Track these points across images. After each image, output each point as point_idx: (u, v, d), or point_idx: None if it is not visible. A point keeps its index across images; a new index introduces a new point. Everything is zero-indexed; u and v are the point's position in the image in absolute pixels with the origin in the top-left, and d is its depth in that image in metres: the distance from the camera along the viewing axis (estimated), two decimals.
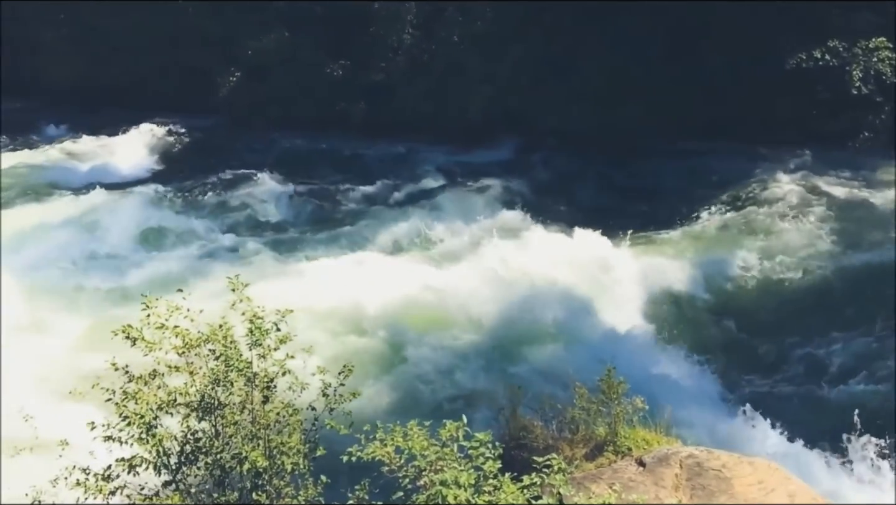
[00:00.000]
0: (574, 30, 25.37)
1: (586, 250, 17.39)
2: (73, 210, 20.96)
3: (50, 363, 13.90)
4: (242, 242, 18.88)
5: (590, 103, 24.57)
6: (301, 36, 28.29)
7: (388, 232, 19.55)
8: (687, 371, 13.75)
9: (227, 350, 7.66)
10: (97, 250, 18.74)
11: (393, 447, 5.98)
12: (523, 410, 10.12)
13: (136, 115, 28.07)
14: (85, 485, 7.12)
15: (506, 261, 16.98)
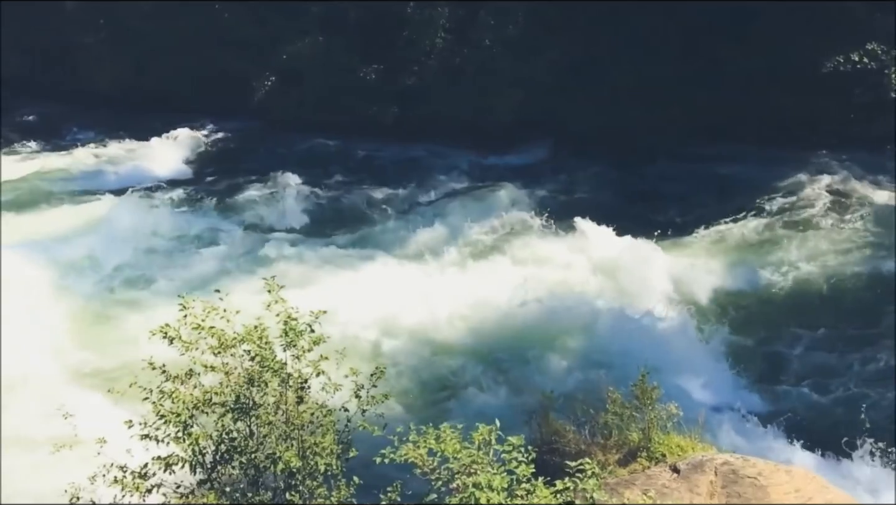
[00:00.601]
0: (605, 33, 25.24)
1: (618, 254, 17.25)
2: (109, 212, 21.29)
3: (87, 362, 14.13)
4: (276, 244, 19.01)
5: (620, 106, 24.42)
6: (335, 40, 28.50)
7: (419, 235, 19.57)
8: (721, 378, 13.58)
9: (262, 351, 7.73)
10: (133, 251, 19.00)
11: (426, 449, 5.99)
12: (555, 415, 10.07)
13: (173, 119, 28.48)
14: (122, 482, 7.23)
15: (538, 265, 16.93)
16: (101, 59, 31.56)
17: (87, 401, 10.19)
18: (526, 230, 19.05)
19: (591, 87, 25.08)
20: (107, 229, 19.83)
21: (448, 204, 20.83)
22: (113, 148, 27.30)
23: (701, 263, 17.76)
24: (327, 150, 26.41)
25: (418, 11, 27.77)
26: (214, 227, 20.23)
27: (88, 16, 32.01)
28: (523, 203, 20.90)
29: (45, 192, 23.05)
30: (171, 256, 18.78)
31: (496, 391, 13.24)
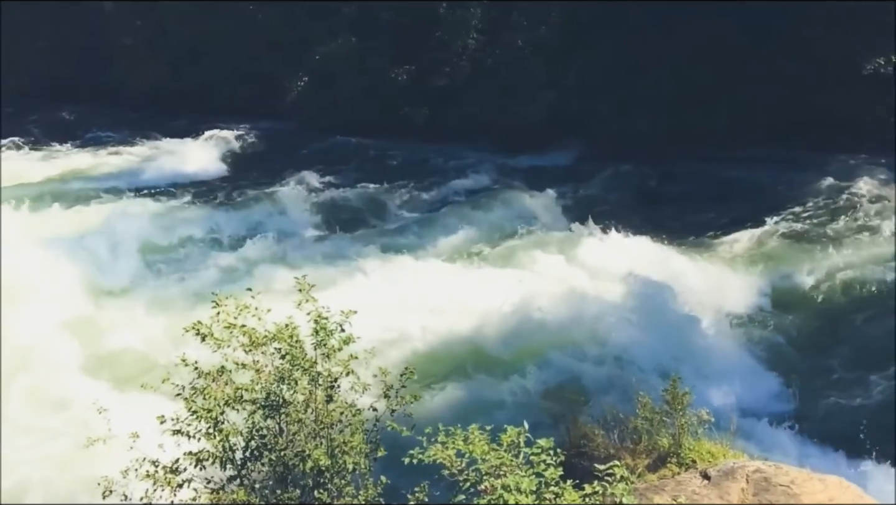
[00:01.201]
0: (639, 35, 25.07)
1: (650, 258, 17.08)
2: (143, 210, 21.61)
3: (121, 357, 14.33)
4: (307, 244, 19.16)
5: (654, 109, 24.25)
6: (368, 42, 28.68)
7: (450, 236, 19.57)
8: (754, 384, 13.37)
9: (292, 349, 7.79)
10: (165, 249, 19.30)
11: (454, 450, 5.97)
12: (584, 419, 10.01)
13: (207, 119, 28.87)
14: (154, 477, 7.32)
15: (568, 268, 16.82)
16: (137, 59, 32.11)
17: (119, 396, 10.36)
18: (555, 232, 18.96)
19: (622, 89, 24.93)
20: (140, 227, 20.11)
21: (478, 205, 20.81)
22: (148, 147, 27.73)
23: (735, 267, 17.52)
24: (358, 150, 26.55)
25: (451, 12, 27.84)
26: (246, 227, 20.43)
27: (126, 17, 32.62)
28: (553, 205, 20.82)
29: (81, 190, 23.45)
30: (203, 254, 18.99)
31: (524, 393, 13.18)
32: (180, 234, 19.99)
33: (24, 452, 12.14)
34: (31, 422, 12.81)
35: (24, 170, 25.65)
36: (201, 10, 30.85)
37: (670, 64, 24.33)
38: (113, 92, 32.53)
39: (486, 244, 18.90)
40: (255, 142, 27.99)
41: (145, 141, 28.45)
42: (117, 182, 24.48)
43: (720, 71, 23.60)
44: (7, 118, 31.90)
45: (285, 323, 8.09)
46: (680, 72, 24.09)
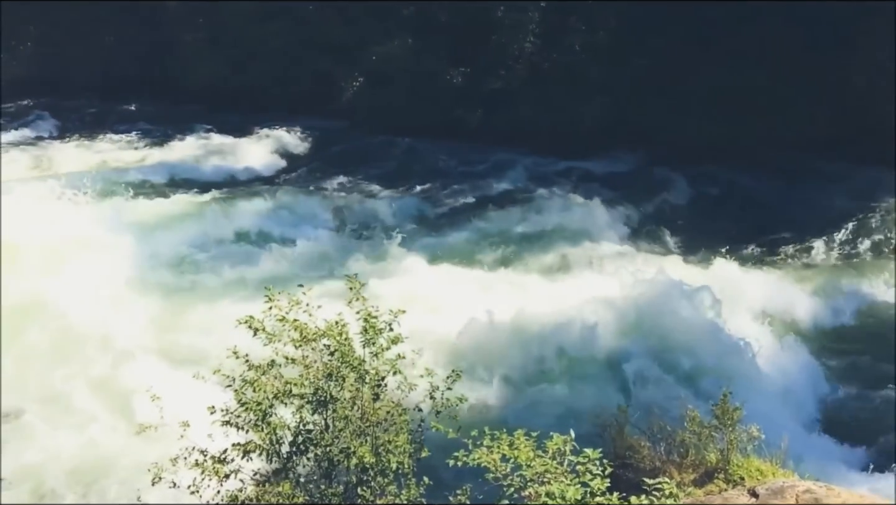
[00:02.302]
0: (698, 40, 24.70)
1: (704, 268, 16.83)
2: (199, 205, 22.04)
3: (176, 346, 14.64)
4: (357, 243, 19.30)
5: (710, 115, 23.89)
6: (424, 43, 28.79)
7: (499, 240, 19.53)
8: (808, 403, 13.07)
9: (341, 346, 7.86)
10: (220, 244, 19.63)
11: (499, 455, 5.95)
12: (630, 430, 9.88)
13: (264, 117, 29.31)
14: (203, 466, 7.46)
15: (619, 276, 16.63)
16: (198, 57, 32.76)
17: (171, 385, 10.55)
18: (609, 239, 18.76)
19: (679, 94, 24.62)
20: (195, 222, 20.53)
21: (529, 209, 20.72)
22: (205, 143, 28.26)
23: (794, 281, 17.11)
24: (411, 151, 26.66)
25: (508, 15, 27.80)
26: (298, 223, 20.67)
27: (189, 15, 33.31)
28: (607, 211, 20.60)
29: (139, 181, 24.00)
30: (255, 249, 19.26)
31: (570, 401, 13.07)
32: (234, 229, 20.32)
33: (75, 435, 12.49)
34: (84, 406, 13.16)
35: (86, 160, 26.40)
36: (262, 9, 31.38)
37: (728, 68, 23.93)
38: (173, 88, 33.23)
39: (537, 250, 18.78)
40: (309, 140, 28.32)
41: (203, 137, 29.00)
42: (175, 176, 24.99)
43: (781, 76, 23.12)
44: (73, 110, 32.94)
45: (335, 320, 8.17)
46: (739, 76, 23.68)
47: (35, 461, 12.05)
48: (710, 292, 15.16)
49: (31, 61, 35.55)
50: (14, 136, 29.56)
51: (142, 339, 15.05)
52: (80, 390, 13.52)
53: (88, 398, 13.33)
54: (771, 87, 23.32)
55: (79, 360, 14.30)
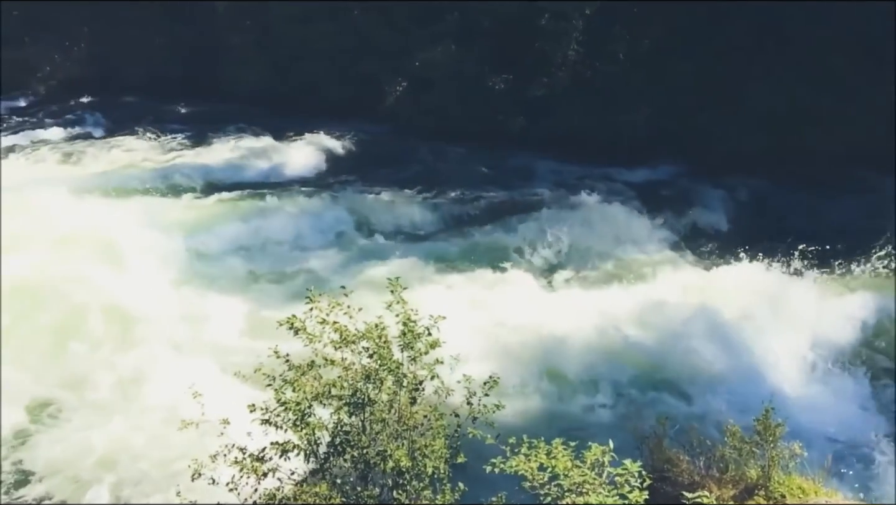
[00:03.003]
0: (748, 50, 24.37)
1: (750, 281, 16.53)
2: (242, 207, 22.34)
3: (217, 345, 14.83)
4: (397, 247, 19.35)
5: (761, 127, 23.53)
6: (467, 49, 28.84)
7: (538, 248, 19.42)
8: (854, 422, 12.74)
9: (380, 349, 7.90)
10: (265, 244, 19.89)
11: (536, 463, 5.93)
12: (669, 443, 9.76)
13: (308, 120, 29.55)
14: (241, 464, 7.55)
15: (661, 287, 16.45)
16: (245, 59, 33.23)
17: (213, 382, 10.72)
18: (649, 249, 18.55)
19: (725, 104, 24.32)
20: (237, 222, 20.80)
21: (571, 217, 20.56)
22: (249, 145, 28.61)
23: (840, 297, 16.70)
24: (452, 157, 26.69)
25: (553, 23, 27.72)
26: (339, 227, 20.83)
27: (237, 17, 33.81)
28: (648, 221, 20.37)
29: (183, 184, 24.41)
30: (298, 250, 19.48)
31: (608, 412, 12.97)
32: (275, 231, 20.52)
33: (119, 428, 12.73)
34: (130, 401, 13.42)
35: (132, 158, 26.93)
36: (308, 13, 31.73)
37: (775, 79, 23.57)
38: (219, 89, 33.73)
39: (577, 259, 18.64)
40: (352, 144, 28.51)
41: (246, 138, 29.37)
42: (217, 176, 25.34)
43: (827, 88, 22.69)
44: (122, 109, 33.64)
45: (375, 323, 8.22)
46: (784, 88, 23.32)
47: (66, 453, 12.30)
48: (751, 305, 14.91)
49: (84, 62, 36.41)
50: (64, 133, 30.30)
51: (182, 335, 15.28)
52: (119, 384, 13.79)
53: (126, 392, 13.58)
54: (817, 98, 22.90)
55: (118, 353, 14.60)
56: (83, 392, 13.69)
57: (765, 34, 24.13)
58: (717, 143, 23.96)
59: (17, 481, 11.83)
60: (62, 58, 36.63)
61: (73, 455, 12.21)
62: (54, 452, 12.33)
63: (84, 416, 13.13)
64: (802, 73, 23.33)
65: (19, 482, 11.82)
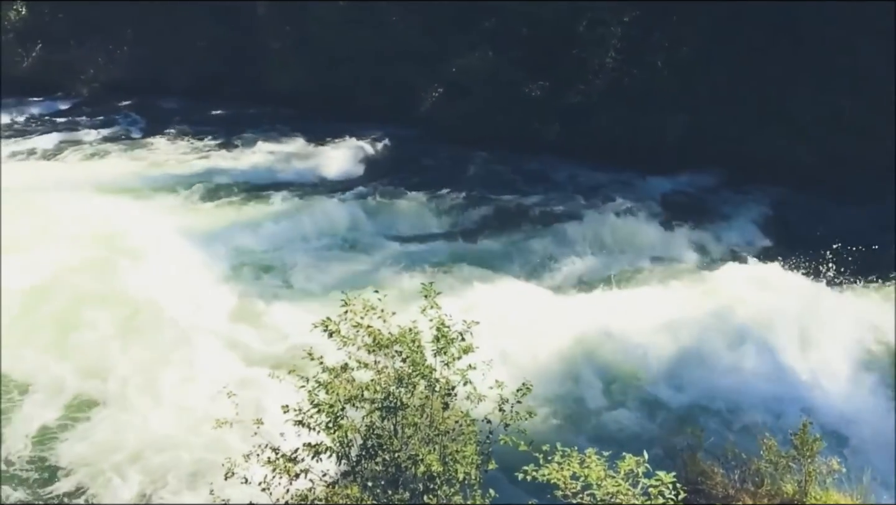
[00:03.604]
0: (790, 59, 24.04)
1: (784, 292, 16.26)
2: (278, 209, 22.56)
3: (252, 345, 14.98)
4: (430, 252, 19.36)
5: (800, 137, 23.18)
6: (504, 55, 28.83)
7: (572, 255, 19.27)
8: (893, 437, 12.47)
9: (413, 354, 7.91)
10: (298, 247, 20.01)
11: (569, 472, 5.88)
12: (703, 455, 9.64)
13: (344, 124, 29.80)
14: (274, 464, 7.61)
15: (697, 298, 16.24)
16: (284, 63, 33.59)
17: (247, 382, 10.85)
18: (686, 258, 18.33)
19: (764, 113, 24.01)
20: (273, 223, 21.02)
21: (607, 224, 20.41)
22: (287, 148, 28.93)
23: (882, 308, 16.33)
24: (488, 163, 26.69)
25: (591, 30, 27.61)
26: (374, 230, 20.93)
27: (277, 21, 34.21)
28: (686, 229, 20.13)
29: (222, 186, 24.74)
30: (331, 253, 19.60)
31: (642, 422, 12.83)
32: (309, 233, 20.70)
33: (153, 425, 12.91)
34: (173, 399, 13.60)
35: (171, 160, 27.37)
36: (347, 19, 31.99)
37: (817, 88, 23.20)
38: (258, 92, 34.15)
39: (613, 267, 18.47)
40: (387, 148, 28.66)
41: (284, 141, 29.71)
42: (254, 178, 25.63)
43: (872, 99, 22.27)
44: (162, 111, 34.25)
45: (408, 327, 8.23)
46: (829, 96, 22.96)
47: (94, 448, 12.50)
48: (790, 316, 14.66)
49: (127, 64, 37.08)
50: (104, 134, 30.90)
51: (219, 334, 15.45)
52: (159, 381, 13.98)
53: (165, 389, 13.76)
54: (858, 108, 22.51)
55: (157, 350, 14.82)
56: (116, 387, 13.91)
57: (806, 43, 23.78)
58: (753, 151, 23.69)
59: (44, 478, 12.01)
60: (105, 60, 37.35)
61: (101, 450, 12.40)
62: (82, 446, 12.54)
63: (120, 411, 13.33)
64: (844, 82, 22.95)
65: (47, 478, 12.01)
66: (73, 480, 11.88)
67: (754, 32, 24.58)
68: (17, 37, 38.14)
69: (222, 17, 35.80)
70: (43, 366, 14.32)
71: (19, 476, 11.97)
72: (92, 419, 13.21)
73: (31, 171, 25.64)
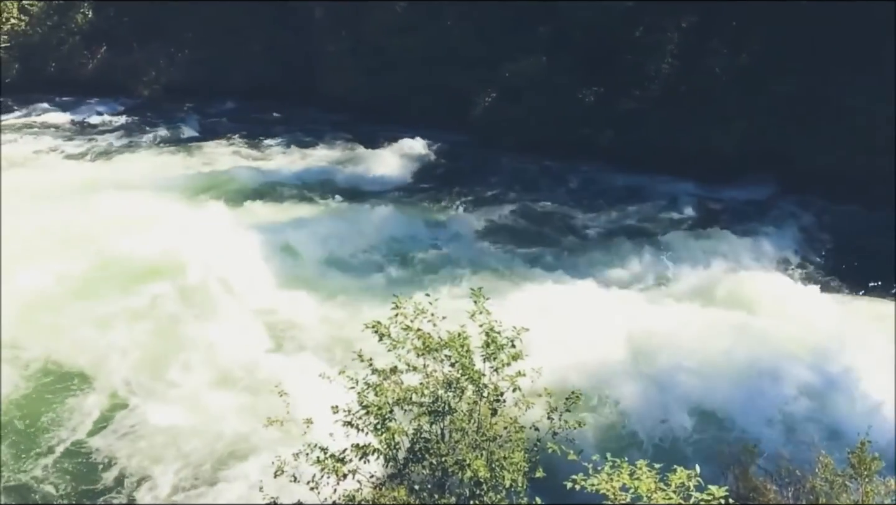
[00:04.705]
0: (852, 69, 23.35)
1: (844, 307, 15.82)
2: (332, 210, 22.81)
3: (302, 348, 15.16)
4: (480, 257, 19.33)
5: (858, 150, 22.47)
6: (558, 61, 28.69)
7: (621, 263, 19.05)
8: None
9: (462, 358, 7.91)
10: (350, 248, 20.23)
11: (619, 484, 5.81)
12: (756, 471, 9.41)
13: (397, 128, 30.03)
14: (323, 463, 7.68)
15: (754, 310, 15.87)
16: (338, 67, 33.97)
17: (298, 382, 10.94)
18: (743, 271, 17.88)
19: (825, 125, 23.33)
20: (327, 226, 21.25)
21: (659, 233, 20.13)
22: (339, 151, 29.27)
23: None
24: (538, 168, 26.59)
25: (647, 36, 27.30)
26: (424, 234, 20.97)
27: (333, 26, 34.60)
28: (742, 241, 19.69)
29: (274, 186, 25.14)
30: (382, 256, 19.71)
31: (693, 434, 12.60)
32: (363, 236, 20.87)
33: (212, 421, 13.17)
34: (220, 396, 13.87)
35: (228, 162, 27.90)
36: (402, 24, 32.23)
37: (881, 101, 22.47)
38: (313, 96, 34.60)
39: (667, 276, 18.19)
40: (439, 153, 28.76)
41: (337, 144, 30.05)
42: (308, 180, 25.96)
43: None
44: (219, 114, 34.96)
45: (458, 332, 8.23)
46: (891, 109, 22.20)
47: (145, 440, 12.78)
48: (850, 333, 14.24)
49: (187, 66, 37.92)
50: (163, 135, 31.67)
51: (270, 335, 15.68)
52: (209, 378, 14.26)
53: (218, 388, 14.03)
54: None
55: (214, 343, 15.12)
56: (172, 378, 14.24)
57: (871, 55, 23.04)
58: (814, 163, 23.04)
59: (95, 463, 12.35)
60: (166, 63, 38.26)
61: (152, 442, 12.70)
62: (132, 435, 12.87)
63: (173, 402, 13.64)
64: None
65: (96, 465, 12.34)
66: (114, 471, 12.17)
67: (819, 42, 23.92)
68: (84, 39, 39.33)
69: (279, 21, 36.37)
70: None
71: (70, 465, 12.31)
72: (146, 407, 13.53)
73: (90, 171, 26.42)
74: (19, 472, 12.11)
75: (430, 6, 31.84)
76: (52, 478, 12.02)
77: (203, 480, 11.93)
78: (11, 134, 31.35)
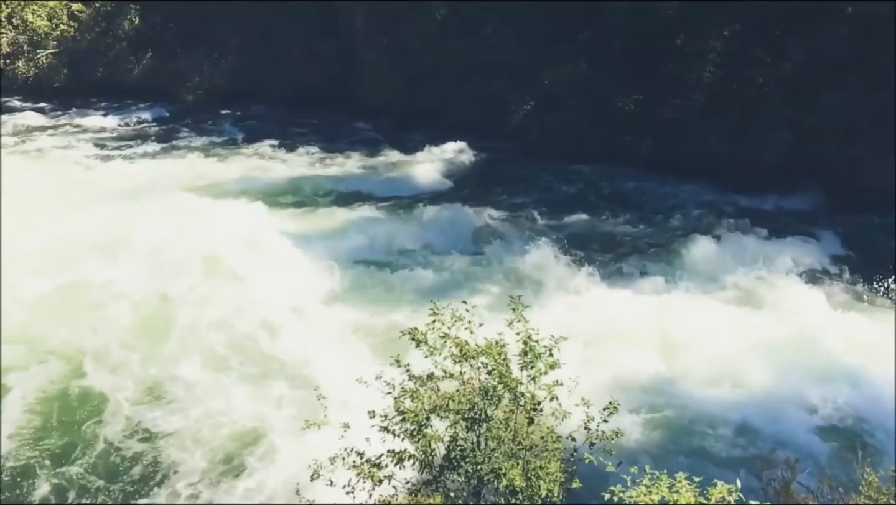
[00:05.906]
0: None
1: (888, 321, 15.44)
2: (371, 216, 22.94)
3: (342, 349, 15.24)
4: (520, 265, 19.17)
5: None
6: (598, 69, 28.57)
7: (667, 274, 18.84)
8: None
9: (499, 366, 7.90)
10: (391, 254, 20.38)
11: (658, 497, 5.74)
12: (798, 487, 9.22)
13: (436, 136, 30.12)
14: (359, 468, 7.73)
15: (792, 319, 15.61)
16: (379, 74, 34.21)
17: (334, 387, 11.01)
18: (785, 283, 17.55)
19: (871, 135, 22.83)
20: (365, 232, 21.38)
21: (700, 244, 19.85)
22: (378, 158, 29.46)
23: None
24: (577, 177, 26.45)
25: (688, 44, 27.05)
26: (462, 243, 20.93)
27: (373, 32, 34.88)
28: (785, 253, 19.34)
29: (315, 192, 25.38)
30: (421, 262, 19.76)
31: (734, 447, 12.40)
32: (400, 243, 20.97)
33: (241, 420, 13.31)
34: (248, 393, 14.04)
35: (269, 168, 28.25)
36: (442, 32, 32.38)
37: None
38: (353, 103, 34.88)
39: (708, 286, 17.91)
40: (478, 161, 28.78)
41: (377, 151, 30.25)
42: (349, 187, 26.15)
43: None
44: (260, 119, 35.42)
45: (495, 340, 8.23)
46: None
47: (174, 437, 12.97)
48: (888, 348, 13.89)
49: (229, 73, 38.53)
50: (206, 140, 32.20)
51: (304, 340, 15.79)
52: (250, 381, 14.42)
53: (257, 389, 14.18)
54: None
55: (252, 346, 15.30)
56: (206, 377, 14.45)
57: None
58: (862, 175, 22.55)
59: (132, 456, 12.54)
60: (210, 68, 38.89)
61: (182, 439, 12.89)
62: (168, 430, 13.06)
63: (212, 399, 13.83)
64: None
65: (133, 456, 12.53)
66: (139, 467, 12.34)
67: (866, 50, 23.43)
68: (130, 45, 40.19)
69: (320, 29, 36.77)
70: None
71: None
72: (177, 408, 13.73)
73: (136, 174, 26.93)
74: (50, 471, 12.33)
75: (469, 14, 31.94)
76: (79, 477, 12.22)
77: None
78: (64, 137, 32.23)
